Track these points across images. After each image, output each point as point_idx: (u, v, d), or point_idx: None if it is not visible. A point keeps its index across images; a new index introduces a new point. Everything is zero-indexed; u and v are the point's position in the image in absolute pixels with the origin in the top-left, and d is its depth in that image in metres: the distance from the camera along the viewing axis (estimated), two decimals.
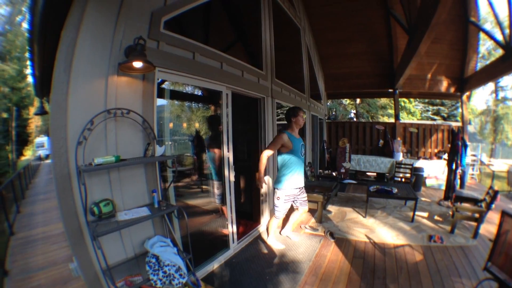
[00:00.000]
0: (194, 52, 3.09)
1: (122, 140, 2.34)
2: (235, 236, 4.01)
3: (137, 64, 2.17)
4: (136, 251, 2.44)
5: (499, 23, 6.51)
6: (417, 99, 24.17)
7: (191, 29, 5.23)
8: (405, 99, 23.23)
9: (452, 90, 10.61)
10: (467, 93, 10.92)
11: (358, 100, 24.59)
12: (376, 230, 5.15)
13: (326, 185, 6.30)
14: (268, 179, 4.97)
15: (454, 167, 6.91)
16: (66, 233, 2.07)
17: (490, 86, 26.14)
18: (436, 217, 6.15)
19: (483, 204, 5.32)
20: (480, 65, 10.30)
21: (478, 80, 9.38)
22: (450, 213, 6.18)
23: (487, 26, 21.14)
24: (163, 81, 3.31)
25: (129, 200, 2.41)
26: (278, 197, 3.88)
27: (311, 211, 5.66)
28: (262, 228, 4.86)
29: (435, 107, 24.34)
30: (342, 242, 4.58)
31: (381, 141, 11.09)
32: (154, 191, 2.47)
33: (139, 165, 2.50)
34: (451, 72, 10.33)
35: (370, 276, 3.61)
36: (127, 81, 2.37)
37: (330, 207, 6.39)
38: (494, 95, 25.96)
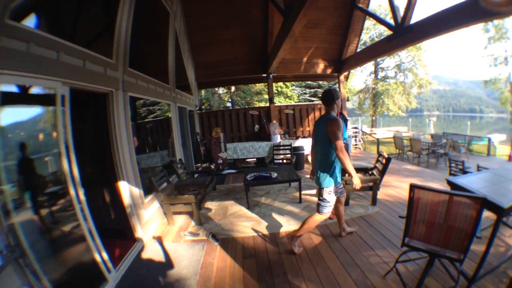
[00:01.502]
0: (28, 42, 2.71)
1: None
2: (110, 264, 3.68)
3: None
4: None
5: (393, 7, 7.70)
6: (294, 84, 28.71)
7: (59, 20, 4.55)
8: (281, 84, 27.14)
9: (329, 71, 12.37)
10: (345, 74, 12.90)
11: (232, 88, 26.17)
12: (263, 220, 5.38)
13: (199, 182, 6.48)
14: (130, 188, 4.70)
15: None
16: None
17: (369, 68, 35.25)
18: None
19: (375, 172, 6.05)
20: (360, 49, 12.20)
21: (357, 60, 11.20)
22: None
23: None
24: None
25: None
26: (330, 191, 3.86)
27: (189, 214, 5.70)
28: (139, 245, 4.64)
29: (312, 90, 28.44)
30: (228, 242, 4.61)
31: (257, 126, 12.12)
32: None
33: None
34: (328, 54, 12.07)
35: (267, 276, 3.63)
36: None
37: (210, 204, 6.51)
38: (373, 75, 35.55)
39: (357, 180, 3.72)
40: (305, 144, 10.67)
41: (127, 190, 4.61)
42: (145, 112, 7.49)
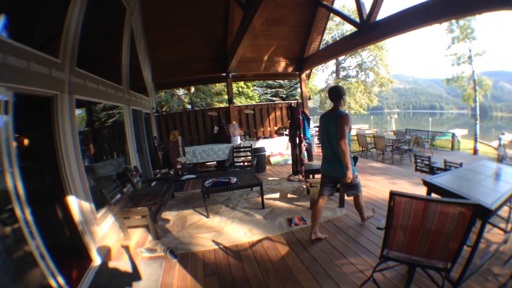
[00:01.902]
0: None
1: None
2: None
3: None
4: None
5: (358, 3, 7.89)
6: (256, 84, 29.95)
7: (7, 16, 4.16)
8: (242, 85, 28.20)
9: (290, 69, 12.62)
10: (307, 72, 13.30)
11: (192, 89, 26.60)
12: (225, 230, 5.25)
13: (155, 191, 6.25)
14: (80, 202, 4.39)
15: (298, 141, 7.97)
16: None
17: (331, 68, 39.64)
18: (289, 195, 6.78)
19: None
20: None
21: (320, 58, 11.54)
22: (304, 186, 7.04)
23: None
24: None
25: None
26: (357, 176, 4.45)
27: (146, 227, 5.39)
28: (96, 265, 4.32)
29: (273, 90, 29.45)
30: (187, 258, 4.41)
31: (216, 128, 12.08)
32: None
33: None
34: (290, 53, 12.30)
35: None
36: None
37: (167, 215, 6.32)
38: (335, 75, 38.90)
39: (350, 174, 4.14)
40: (266, 145, 10.93)
41: (76, 205, 4.31)
42: (104, 117, 7.18)
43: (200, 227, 5.49)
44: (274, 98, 28.43)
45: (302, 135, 8.06)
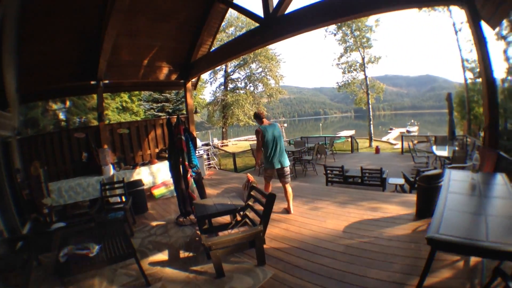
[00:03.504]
0: None
1: None
2: None
3: None
4: None
5: None
6: (141, 98, 30.17)
7: None
8: (127, 99, 27.89)
9: (173, 77, 10.99)
10: (193, 80, 11.84)
11: (67, 103, 23.66)
12: None
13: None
14: None
15: (182, 170, 6.30)
16: None
17: (219, 80, 42.11)
18: (183, 254, 4.90)
19: (248, 213, 4.85)
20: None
21: (210, 61, 10.16)
22: (199, 234, 5.22)
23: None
24: None
25: None
26: (290, 166, 7.39)
27: None
28: None
29: (159, 104, 29.00)
30: None
31: (85, 154, 9.47)
32: None
33: None
34: (174, 57, 10.70)
35: None
36: None
37: None
38: (223, 87, 41.41)
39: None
40: (146, 174, 9.21)
41: None
42: None
43: None
44: (160, 114, 27.06)
45: (186, 163, 6.31)
